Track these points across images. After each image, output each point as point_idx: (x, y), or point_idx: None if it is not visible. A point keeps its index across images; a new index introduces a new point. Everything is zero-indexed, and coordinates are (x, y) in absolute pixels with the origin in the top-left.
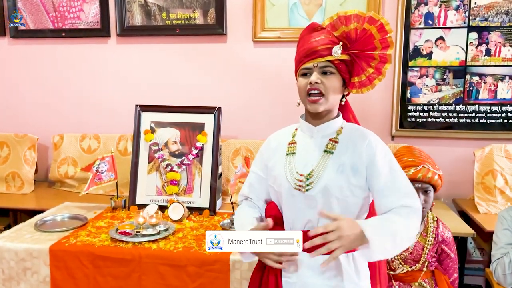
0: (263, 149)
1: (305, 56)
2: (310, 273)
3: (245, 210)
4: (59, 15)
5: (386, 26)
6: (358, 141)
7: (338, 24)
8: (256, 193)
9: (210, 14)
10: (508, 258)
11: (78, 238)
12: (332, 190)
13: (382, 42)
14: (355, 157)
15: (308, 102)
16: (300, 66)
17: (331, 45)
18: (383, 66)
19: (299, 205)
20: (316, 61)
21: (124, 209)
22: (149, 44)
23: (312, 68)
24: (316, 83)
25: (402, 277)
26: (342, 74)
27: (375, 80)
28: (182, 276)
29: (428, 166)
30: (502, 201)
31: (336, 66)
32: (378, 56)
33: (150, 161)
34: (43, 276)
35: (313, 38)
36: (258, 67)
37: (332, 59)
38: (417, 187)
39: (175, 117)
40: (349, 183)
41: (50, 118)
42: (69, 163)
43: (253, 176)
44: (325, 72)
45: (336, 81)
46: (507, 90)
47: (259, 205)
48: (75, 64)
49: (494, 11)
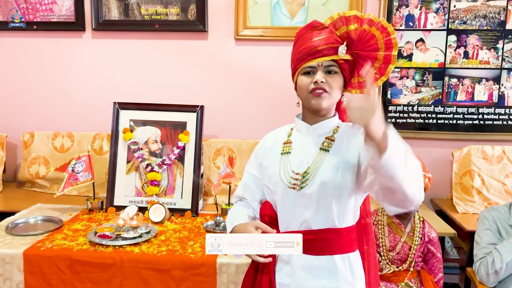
0: (257, 148)
1: (308, 55)
2: (305, 275)
3: (237, 209)
4: (30, 6)
5: (389, 27)
6: (351, 133)
7: (339, 23)
8: (251, 194)
9: (190, 10)
10: (491, 257)
11: (54, 242)
12: (328, 187)
13: (386, 44)
14: (350, 151)
15: (312, 96)
16: (301, 65)
17: (336, 45)
18: (387, 66)
19: (294, 204)
20: (321, 59)
21: (101, 211)
22: (126, 40)
23: (316, 67)
24: (322, 82)
25: (389, 277)
26: (345, 74)
27: (377, 81)
28: (167, 281)
29: None
30: (479, 201)
31: (340, 66)
32: (382, 57)
33: (129, 161)
34: (16, 283)
35: (315, 36)
36: (240, 66)
37: (337, 58)
38: None
39: (156, 116)
40: (345, 180)
41: (19, 115)
42: (41, 163)
43: (247, 176)
44: (329, 72)
45: (339, 80)
46: (484, 93)
47: (253, 206)
48: (47, 59)
49: (472, 15)
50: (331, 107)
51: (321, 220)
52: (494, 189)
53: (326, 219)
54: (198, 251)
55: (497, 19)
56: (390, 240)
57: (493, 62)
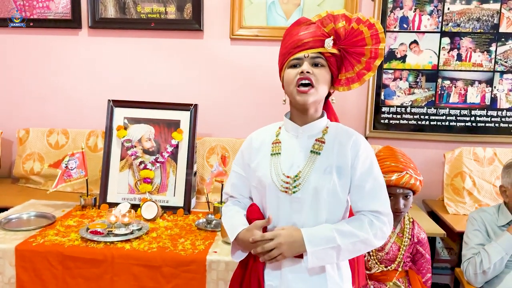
0: (244, 148)
1: (295, 47)
2: (293, 277)
3: (233, 209)
4: (27, 4)
5: (376, 24)
6: (343, 140)
7: (326, 21)
8: (240, 192)
9: (186, 9)
10: (479, 258)
11: (46, 237)
12: (320, 191)
13: (374, 38)
14: (341, 157)
15: (297, 93)
16: (288, 58)
17: (322, 38)
18: (374, 61)
19: (284, 207)
20: (308, 51)
21: (94, 208)
22: (122, 38)
23: (303, 58)
24: (308, 73)
25: (377, 276)
26: (331, 68)
27: (365, 76)
28: (157, 277)
29: (411, 173)
30: (470, 202)
31: (327, 59)
32: (368, 51)
33: (122, 158)
34: (8, 278)
35: (303, 30)
36: (235, 65)
37: (323, 51)
38: (399, 192)
39: (150, 113)
40: (336, 184)
41: (15, 111)
42: (35, 159)
43: (234, 175)
44: (316, 64)
45: (326, 74)
46: (476, 95)
47: (245, 202)
48: (44, 56)
49: (466, 17)
50: (318, 103)
51: (310, 223)
52: (485, 190)
53: (315, 222)
54: (189, 248)
55: (491, 22)
56: None
57: (486, 64)
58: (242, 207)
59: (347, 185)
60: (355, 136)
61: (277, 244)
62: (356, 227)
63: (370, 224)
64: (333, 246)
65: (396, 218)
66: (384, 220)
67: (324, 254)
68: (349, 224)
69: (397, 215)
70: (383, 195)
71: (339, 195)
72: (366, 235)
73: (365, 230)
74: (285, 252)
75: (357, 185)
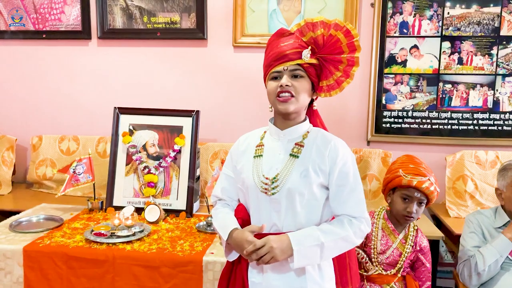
0: (232, 150)
1: (275, 60)
2: (274, 275)
3: (223, 211)
4: (40, 16)
5: (352, 31)
6: (322, 145)
7: (305, 30)
8: (229, 194)
9: (191, 18)
10: (474, 260)
11: (52, 239)
12: (295, 194)
13: (349, 46)
14: (318, 160)
15: (278, 102)
16: (269, 70)
17: (300, 49)
18: (351, 69)
19: (265, 207)
20: (286, 64)
21: (101, 211)
22: (130, 47)
23: (282, 71)
24: (287, 86)
25: (374, 278)
26: (311, 78)
27: (343, 83)
28: (156, 277)
29: (432, 180)
30: (472, 205)
31: (306, 70)
32: (345, 59)
33: (128, 163)
34: (16, 277)
35: (282, 42)
36: (238, 72)
37: (301, 62)
38: (416, 196)
39: (154, 120)
40: (313, 187)
41: (29, 119)
42: (48, 165)
43: (224, 177)
44: (295, 76)
45: (306, 84)
46: (478, 98)
47: (233, 205)
48: (56, 66)
49: (466, 22)
50: (299, 110)
51: (289, 223)
52: (487, 194)
53: (294, 223)
54: (186, 250)
55: (491, 26)
56: (382, 244)
57: (487, 68)
58: (231, 209)
59: (324, 188)
60: (333, 142)
61: (269, 248)
62: (338, 226)
63: (349, 224)
64: (317, 244)
65: (404, 223)
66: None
67: (309, 251)
68: (330, 224)
69: (406, 220)
70: (361, 200)
71: (315, 197)
72: (346, 232)
73: (345, 229)
74: (277, 256)
75: (335, 190)
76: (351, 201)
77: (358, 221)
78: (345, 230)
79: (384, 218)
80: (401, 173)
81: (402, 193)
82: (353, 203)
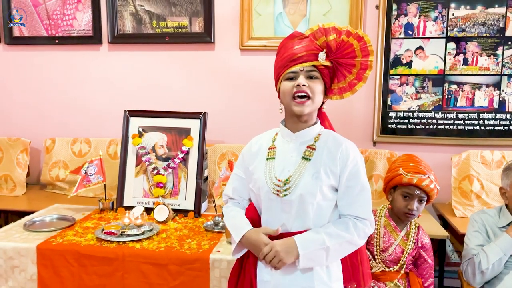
0: (244, 151)
1: (290, 61)
2: (283, 274)
3: (235, 209)
4: (52, 22)
5: (365, 37)
6: (333, 147)
7: (318, 34)
8: (240, 194)
9: (198, 22)
10: (478, 258)
11: (65, 237)
12: (307, 196)
13: (363, 51)
14: (330, 162)
15: (294, 104)
16: (284, 71)
17: (316, 51)
18: (364, 72)
19: (275, 208)
20: (303, 65)
21: (111, 211)
22: (139, 51)
23: (298, 72)
24: (304, 86)
25: (378, 275)
26: (325, 79)
27: (356, 86)
28: (164, 275)
29: (432, 178)
30: (478, 205)
31: (320, 71)
32: (359, 63)
33: (137, 165)
34: (30, 274)
35: (297, 44)
36: (245, 75)
37: (317, 64)
38: (416, 193)
39: (162, 122)
40: (323, 188)
41: (42, 122)
42: (60, 166)
43: (235, 177)
44: (310, 77)
45: (320, 85)
46: (484, 98)
47: (244, 204)
48: (68, 70)
49: (471, 22)
50: (313, 112)
51: (298, 223)
52: (493, 193)
53: (303, 224)
54: (194, 248)
55: (496, 26)
56: (384, 241)
57: (493, 68)
58: (241, 208)
59: (334, 190)
60: (344, 144)
61: (275, 252)
62: (343, 229)
63: (354, 227)
64: (322, 247)
65: (405, 220)
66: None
67: (314, 255)
68: (335, 226)
69: (407, 217)
70: (368, 202)
71: (325, 199)
72: (351, 236)
73: (350, 232)
74: (284, 259)
75: (344, 191)
76: (358, 202)
77: (363, 224)
78: (350, 233)
79: (386, 216)
80: (402, 172)
81: (403, 191)
82: (360, 205)
